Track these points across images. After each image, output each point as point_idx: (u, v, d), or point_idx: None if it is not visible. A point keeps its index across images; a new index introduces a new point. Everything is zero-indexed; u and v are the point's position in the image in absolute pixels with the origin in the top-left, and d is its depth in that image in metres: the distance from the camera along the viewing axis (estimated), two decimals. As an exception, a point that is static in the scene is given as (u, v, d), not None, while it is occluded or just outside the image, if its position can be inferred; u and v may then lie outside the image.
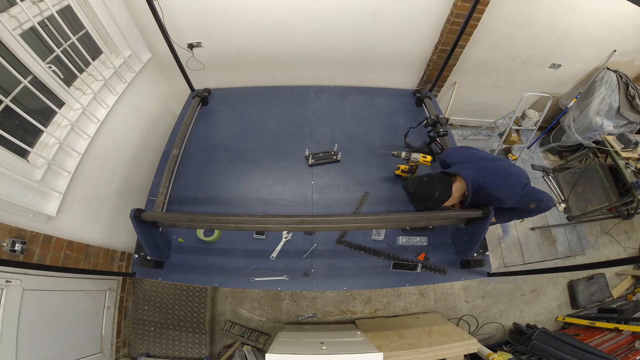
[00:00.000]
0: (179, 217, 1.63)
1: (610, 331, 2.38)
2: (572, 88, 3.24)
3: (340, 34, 2.53)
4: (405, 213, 1.89)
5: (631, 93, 2.84)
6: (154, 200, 1.86)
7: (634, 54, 2.90)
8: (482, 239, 1.66)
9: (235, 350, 2.44)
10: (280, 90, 2.62)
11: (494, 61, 2.91)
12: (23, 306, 1.50)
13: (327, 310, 2.68)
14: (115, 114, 2.15)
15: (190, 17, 2.31)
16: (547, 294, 2.91)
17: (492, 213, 1.55)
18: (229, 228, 1.60)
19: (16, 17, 1.54)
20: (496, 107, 3.42)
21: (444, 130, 2.00)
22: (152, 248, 1.60)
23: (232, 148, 2.23)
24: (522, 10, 2.43)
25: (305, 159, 2.14)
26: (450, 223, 1.82)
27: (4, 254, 1.41)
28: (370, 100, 2.60)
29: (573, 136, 3.17)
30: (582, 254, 3.11)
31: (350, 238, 1.85)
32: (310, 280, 1.71)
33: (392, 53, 2.74)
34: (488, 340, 2.68)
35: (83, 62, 1.98)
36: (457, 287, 2.84)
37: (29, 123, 1.59)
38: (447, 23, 2.43)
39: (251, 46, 2.59)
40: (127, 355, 2.35)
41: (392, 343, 2.05)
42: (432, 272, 1.77)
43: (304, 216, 1.54)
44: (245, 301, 2.67)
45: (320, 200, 1.99)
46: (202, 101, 2.49)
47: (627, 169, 2.65)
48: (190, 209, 1.95)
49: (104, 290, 2.15)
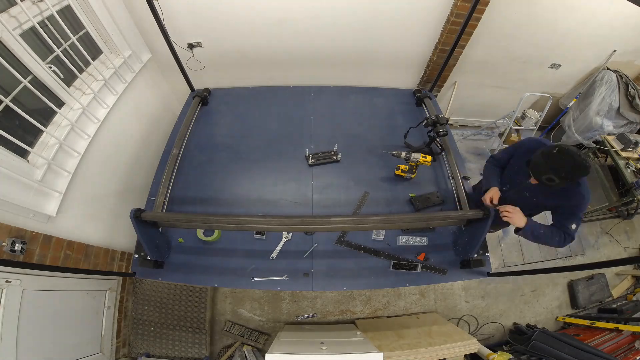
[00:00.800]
0: (179, 217, 1.63)
1: (610, 331, 2.38)
2: (572, 88, 3.24)
3: (340, 34, 2.53)
4: (405, 214, 1.90)
5: (631, 93, 2.84)
6: (154, 200, 1.86)
7: (634, 54, 2.89)
8: (483, 240, 1.66)
9: (235, 350, 2.44)
10: (280, 90, 2.62)
11: (494, 61, 2.91)
12: (23, 306, 1.50)
13: (327, 310, 2.68)
14: (115, 114, 2.15)
15: (190, 17, 2.31)
16: (547, 294, 2.91)
17: (492, 214, 1.55)
18: (229, 228, 1.60)
19: (16, 17, 1.54)
20: (496, 107, 3.42)
21: (444, 130, 2.00)
22: (152, 248, 1.60)
23: (232, 148, 2.23)
24: (522, 10, 2.43)
25: (305, 159, 2.14)
26: (451, 224, 1.82)
27: (4, 254, 1.41)
28: (370, 100, 2.60)
29: (573, 136, 3.17)
30: (582, 254, 3.11)
31: (350, 238, 1.85)
32: (310, 280, 1.71)
33: (392, 53, 2.74)
34: (488, 340, 2.68)
35: (83, 62, 1.98)
36: (457, 287, 2.84)
37: (29, 123, 1.59)
38: (447, 23, 2.43)
39: (251, 46, 2.59)
40: (127, 355, 2.35)
41: (392, 343, 2.05)
42: (432, 272, 1.77)
43: (304, 217, 1.54)
44: (245, 301, 2.67)
45: (320, 200, 1.99)
46: (202, 101, 2.49)
47: (627, 169, 2.65)
48: (190, 209, 1.95)
49: (104, 290, 2.15)
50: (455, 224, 1.78)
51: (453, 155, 2.10)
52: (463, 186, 1.95)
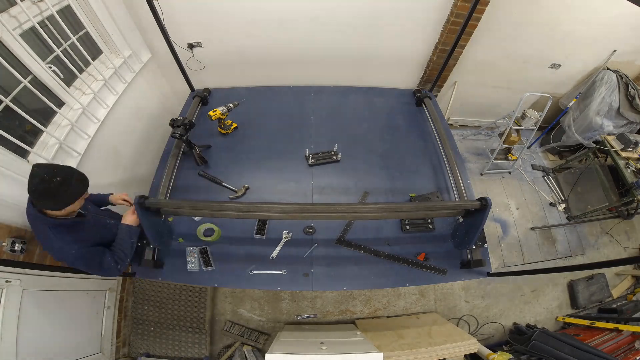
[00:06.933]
0: (182, 204, 1.63)
1: (610, 331, 2.38)
2: (572, 88, 3.24)
3: (340, 34, 2.53)
4: (404, 203, 1.90)
5: (631, 93, 2.84)
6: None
7: (634, 54, 2.89)
8: (481, 230, 1.66)
9: (235, 350, 2.44)
10: (280, 90, 2.62)
11: (494, 61, 2.91)
12: (23, 306, 1.50)
13: (327, 310, 2.68)
14: (115, 113, 2.15)
15: (190, 17, 2.31)
16: (547, 294, 2.91)
17: (490, 204, 1.56)
18: (231, 216, 1.60)
19: (16, 17, 1.54)
20: (496, 107, 3.42)
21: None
22: (153, 235, 1.60)
23: (232, 148, 2.23)
24: (522, 10, 2.43)
25: (305, 158, 2.14)
26: (449, 215, 1.81)
27: (4, 254, 1.41)
28: (370, 100, 2.60)
29: (573, 136, 3.17)
30: (582, 254, 3.11)
31: (350, 238, 1.86)
32: (310, 280, 1.71)
33: (392, 53, 2.73)
34: (488, 340, 2.68)
35: (83, 62, 1.98)
36: (457, 287, 2.84)
37: (29, 123, 1.59)
38: (447, 23, 2.43)
39: (251, 46, 2.58)
40: (127, 355, 2.35)
41: (392, 343, 2.05)
42: (432, 272, 1.77)
43: (304, 204, 1.53)
44: (245, 301, 2.67)
45: (320, 200, 1.99)
46: (202, 101, 2.49)
47: (627, 169, 2.65)
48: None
49: (104, 290, 2.15)
50: (454, 214, 1.77)
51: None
52: (461, 179, 1.95)
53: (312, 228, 1.86)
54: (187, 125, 1.91)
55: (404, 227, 1.89)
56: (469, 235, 1.68)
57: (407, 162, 2.21)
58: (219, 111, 2.18)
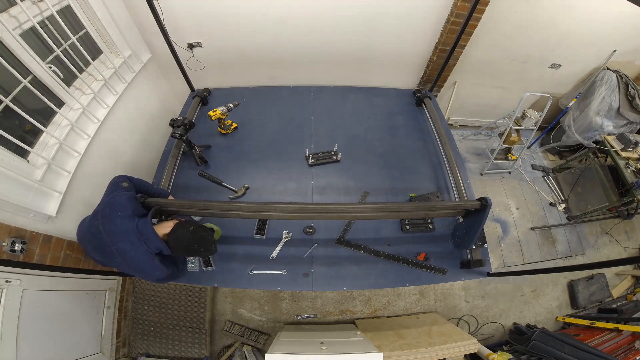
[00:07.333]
0: (182, 203, 1.63)
1: (610, 331, 2.38)
2: (572, 88, 3.24)
3: (340, 34, 2.53)
4: (404, 203, 1.90)
5: (631, 93, 2.84)
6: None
7: (634, 54, 2.89)
8: (481, 230, 1.66)
9: (235, 350, 2.44)
10: (280, 90, 2.62)
11: (494, 61, 2.91)
12: (23, 306, 1.50)
13: (327, 310, 2.68)
14: (115, 113, 2.15)
15: (190, 17, 2.31)
16: (547, 294, 2.91)
17: (490, 204, 1.56)
18: (231, 216, 1.60)
19: (16, 17, 1.54)
20: (496, 107, 3.42)
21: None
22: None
23: (232, 148, 2.23)
24: (522, 10, 2.43)
25: (305, 159, 2.14)
26: (449, 215, 1.81)
27: (4, 254, 1.41)
28: (370, 100, 2.60)
29: (573, 136, 3.17)
30: (582, 254, 3.11)
31: (350, 238, 1.86)
32: (310, 280, 1.71)
33: (392, 53, 2.73)
34: (488, 340, 2.68)
35: (83, 62, 1.98)
36: (457, 287, 2.84)
37: (29, 123, 1.59)
38: (447, 23, 2.43)
39: (251, 46, 2.58)
40: (127, 355, 2.35)
41: (392, 343, 2.05)
42: (432, 272, 1.77)
43: (304, 204, 1.54)
44: (245, 301, 2.67)
45: (320, 200, 1.99)
46: (202, 101, 2.49)
47: (627, 169, 2.65)
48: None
49: (104, 290, 2.15)
50: (454, 214, 1.77)
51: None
52: (461, 179, 1.95)
53: (312, 228, 1.86)
54: (187, 125, 1.91)
55: (404, 227, 1.89)
56: (469, 235, 1.68)
57: (407, 162, 2.21)
58: (219, 111, 2.18)
